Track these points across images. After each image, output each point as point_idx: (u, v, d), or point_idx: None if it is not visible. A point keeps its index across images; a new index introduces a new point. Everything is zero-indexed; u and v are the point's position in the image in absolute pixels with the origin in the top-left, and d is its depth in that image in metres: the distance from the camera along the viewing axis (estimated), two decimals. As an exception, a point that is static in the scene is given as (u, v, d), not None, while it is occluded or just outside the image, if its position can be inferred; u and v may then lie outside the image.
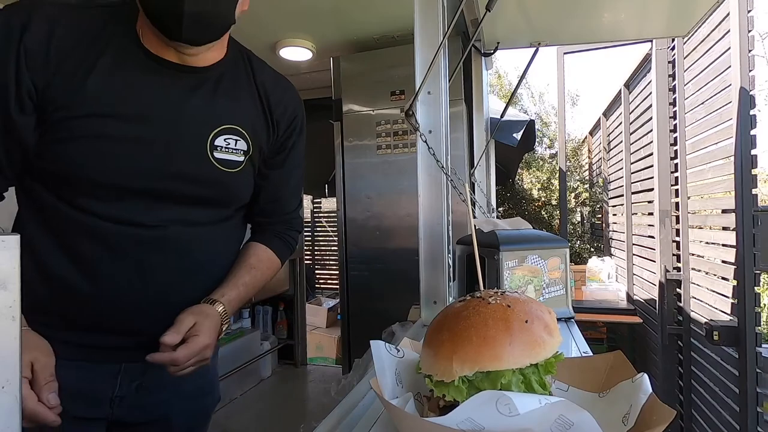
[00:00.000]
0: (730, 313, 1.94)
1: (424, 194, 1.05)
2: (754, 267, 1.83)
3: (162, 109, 0.71)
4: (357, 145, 2.44)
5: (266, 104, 0.81)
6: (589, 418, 0.37)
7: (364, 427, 0.56)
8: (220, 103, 0.75)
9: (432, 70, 1.01)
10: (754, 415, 1.78)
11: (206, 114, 0.74)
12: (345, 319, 2.51)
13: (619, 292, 3.29)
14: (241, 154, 0.77)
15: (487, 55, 2.30)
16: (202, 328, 0.72)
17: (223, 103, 0.76)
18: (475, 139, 2.36)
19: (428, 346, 0.46)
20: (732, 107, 1.88)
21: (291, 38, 2.53)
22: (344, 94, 2.47)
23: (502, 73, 8.89)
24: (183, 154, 0.72)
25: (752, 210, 1.83)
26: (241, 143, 0.77)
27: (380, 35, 2.47)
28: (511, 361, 0.41)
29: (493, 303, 0.45)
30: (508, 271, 0.95)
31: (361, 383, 0.73)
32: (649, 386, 0.44)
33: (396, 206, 2.39)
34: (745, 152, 1.83)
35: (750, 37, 1.82)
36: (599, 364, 0.53)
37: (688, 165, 2.40)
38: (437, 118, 1.03)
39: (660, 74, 2.58)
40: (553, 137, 7.76)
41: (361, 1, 2.12)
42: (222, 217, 0.81)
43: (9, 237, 0.35)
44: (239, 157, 0.77)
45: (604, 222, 4.47)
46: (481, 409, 0.38)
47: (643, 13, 1.90)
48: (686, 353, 2.43)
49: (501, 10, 1.70)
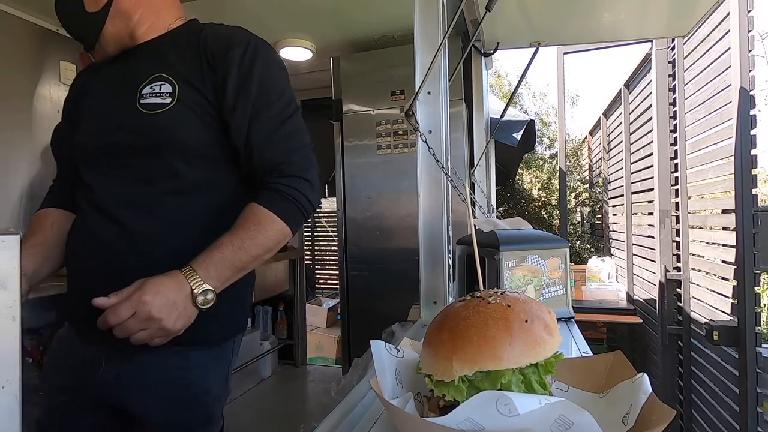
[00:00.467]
0: (730, 313, 1.94)
1: (424, 194, 1.05)
2: (754, 267, 1.83)
3: (106, 89, 0.89)
4: (357, 145, 2.44)
5: (203, 51, 0.84)
6: (589, 418, 0.37)
7: (364, 427, 0.56)
8: (147, 63, 0.86)
9: (432, 70, 1.01)
10: (754, 415, 1.78)
11: (136, 74, 0.85)
12: (345, 319, 2.51)
13: (619, 292, 3.29)
14: (167, 96, 0.81)
15: (487, 55, 2.30)
16: (145, 285, 0.71)
17: (150, 62, 0.85)
18: (475, 139, 2.36)
19: (428, 346, 0.46)
20: (732, 107, 1.88)
21: (291, 38, 2.53)
22: (344, 94, 2.47)
23: (502, 73, 8.90)
24: (118, 111, 0.84)
25: (752, 210, 1.83)
26: (165, 87, 0.82)
27: (380, 35, 2.47)
28: (511, 361, 0.41)
29: (493, 303, 0.45)
30: (508, 271, 0.95)
31: (361, 383, 0.73)
32: (649, 386, 0.44)
33: (396, 206, 2.39)
34: (745, 152, 1.83)
35: (750, 37, 1.82)
36: (599, 364, 0.53)
37: (688, 165, 2.40)
38: (437, 118, 1.03)
39: (660, 74, 2.58)
40: (553, 137, 7.76)
41: (361, 1, 2.12)
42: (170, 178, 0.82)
43: (9, 237, 0.35)
44: (165, 99, 0.81)
45: (604, 222, 4.47)
46: (481, 409, 0.38)
47: (643, 13, 1.90)
48: (686, 353, 2.43)
49: (501, 10, 1.70)
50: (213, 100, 0.83)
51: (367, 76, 2.42)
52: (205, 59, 0.83)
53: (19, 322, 0.34)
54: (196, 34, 0.87)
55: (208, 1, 2.11)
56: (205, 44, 0.84)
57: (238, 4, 2.14)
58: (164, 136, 0.80)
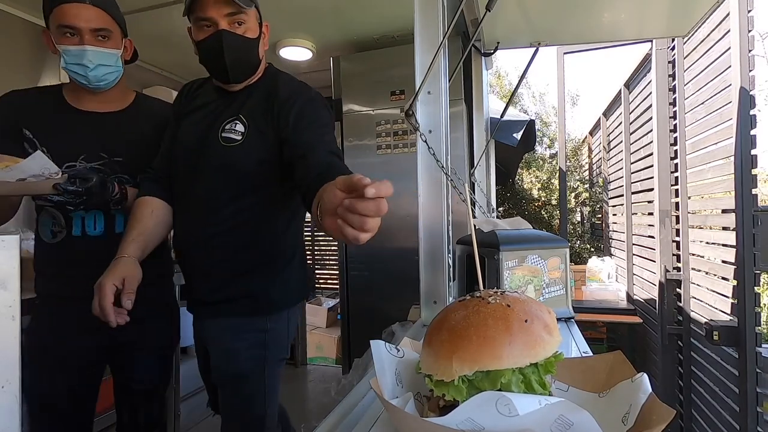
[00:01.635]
0: (730, 313, 1.94)
1: (424, 194, 1.05)
2: (754, 267, 1.83)
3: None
4: (357, 145, 2.44)
5: (273, 99, 1.09)
6: (589, 418, 0.37)
7: (364, 427, 0.56)
8: (233, 106, 1.12)
9: (432, 70, 1.01)
10: (754, 415, 1.78)
11: (216, 114, 1.13)
12: (345, 319, 2.51)
13: (619, 292, 3.29)
14: (239, 134, 1.08)
15: (487, 55, 2.30)
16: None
17: (237, 105, 1.12)
18: (475, 139, 2.36)
19: (428, 345, 0.46)
20: (732, 107, 1.88)
21: (291, 38, 2.53)
22: (344, 94, 2.47)
23: (502, 73, 8.89)
24: (208, 142, 1.10)
25: (752, 210, 1.82)
26: (239, 126, 1.09)
27: (380, 35, 2.47)
28: (510, 361, 0.41)
29: (492, 303, 0.45)
30: (508, 271, 0.95)
31: (361, 383, 0.73)
32: (648, 386, 0.44)
33: (396, 206, 2.39)
34: (745, 152, 1.83)
35: (750, 37, 1.82)
36: (599, 364, 0.53)
37: (688, 165, 2.40)
38: (437, 118, 1.03)
39: (660, 74, 2.58)
40: (553, 137, 7.76)
41: (361, 1, 2.12)
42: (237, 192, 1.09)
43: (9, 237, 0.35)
44: (237, 136, 1.08)
45: (604, 222, 4.47)
46: (481, 409, 0.38)
47: (643, 13, 1.89)
48: (686, 353, 2.43)
49: (501, 10, 1.70)
50: (277, 129, 1.07)
51: (367, 76, 2.42)
52: (273, 105, 1.09)
53: (19, 322, 0.34)
54: (268, 83, 1.15)
55: (208, 1, 2.11)
56: (276, 93, 1.10)
57: (238, 4, 2.14)
58: (235, 162, 1.08)
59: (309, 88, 1.14)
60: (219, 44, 1.02)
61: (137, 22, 2.16)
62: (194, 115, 1.15)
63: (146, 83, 2.86)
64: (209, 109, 1.14)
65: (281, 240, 1.14)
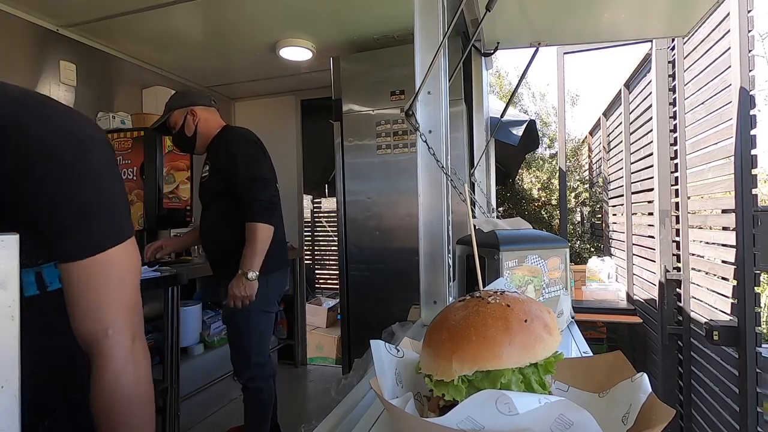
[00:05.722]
0: (730, 313, 1.94)
1: (424, 194, 1.05)
2: (754, 267, 1.82)
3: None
4: (357, 145, 2.44)
5: (222, 150, 1.94)
6: (589, 418, 0.37)
7: (364, 427, 0.56)
8: (205, 157, 2.06)
9: (432, 70, 1.01)
10: (754, 415, 1.78)
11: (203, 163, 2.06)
12: (345, 319, 2.51)
13: (619, 292, 3.29)
14: (207, 172, 1.99)
15: (487, 55, 2.30)
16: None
17: (206, 156, 2.04)
18: (475, 139, 2.36)
19: (428, 345, 0.46)
20: (732, 107, 1.88)
21: (291, 38, 2.53)
22: (344, 94, 2.47)
23: (502, 73, 8.90)
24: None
25: (752, 210, 1.82)
26: (206, 167, 2.00)
27: (380, 35, 2.47)
28: (510, 361, 0.41)
29: (492, 303, 0.45)
30: (508, 271, 0.95)
31: (361, 383, 0.73)
32: (648, 386, 0.44)
33: (396, 206, 2.39)
34: (745, 152, 1.83)
35: (750, 37, 1.82)
36: (599, 364, 0.53)
37: (688, 165, 2.40)
38: (437, 118, 1.03)
39: (660, 74, 2.58)
40: (553, 137, 7.77)
41: (361, 1, 2.12)
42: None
43: (9, 237, 0.34)
44: (206, 173, 2.00)
45: (604, 222, 4.47)
46: (481, 408, 0.38)
47: (643, 13, 1.89)
48: (686, 353, 2.43)
49: (501, 10, 1.70)
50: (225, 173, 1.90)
51: (367, 76, 2.42)
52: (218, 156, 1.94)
53: (19, 322, 0.34)
54: (219, 141, 1.97)
55: (209, 2, 2.12)
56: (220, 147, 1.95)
57: (239, 4, 2.14)
58: (207, 191, 2.00)
59: (242, 136, 1.93)
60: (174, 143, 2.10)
61: (137, 22, 2.19)
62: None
63: (146, 83, 2.87)
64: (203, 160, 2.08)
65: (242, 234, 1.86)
